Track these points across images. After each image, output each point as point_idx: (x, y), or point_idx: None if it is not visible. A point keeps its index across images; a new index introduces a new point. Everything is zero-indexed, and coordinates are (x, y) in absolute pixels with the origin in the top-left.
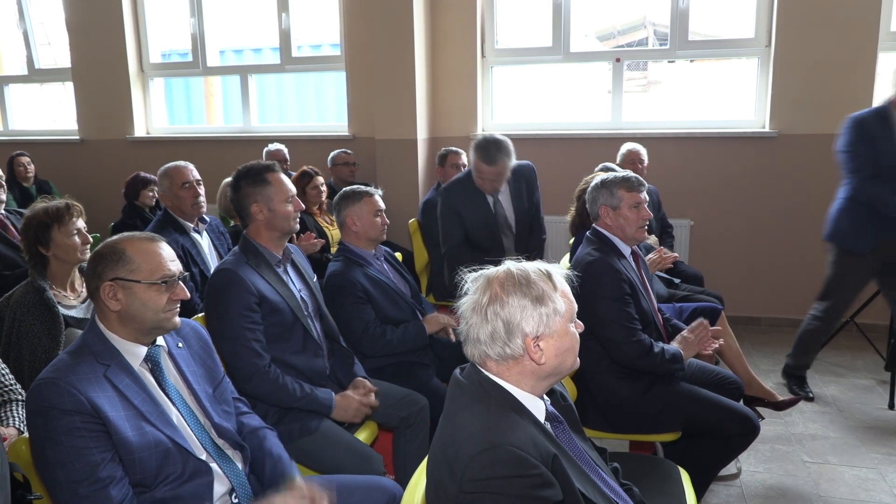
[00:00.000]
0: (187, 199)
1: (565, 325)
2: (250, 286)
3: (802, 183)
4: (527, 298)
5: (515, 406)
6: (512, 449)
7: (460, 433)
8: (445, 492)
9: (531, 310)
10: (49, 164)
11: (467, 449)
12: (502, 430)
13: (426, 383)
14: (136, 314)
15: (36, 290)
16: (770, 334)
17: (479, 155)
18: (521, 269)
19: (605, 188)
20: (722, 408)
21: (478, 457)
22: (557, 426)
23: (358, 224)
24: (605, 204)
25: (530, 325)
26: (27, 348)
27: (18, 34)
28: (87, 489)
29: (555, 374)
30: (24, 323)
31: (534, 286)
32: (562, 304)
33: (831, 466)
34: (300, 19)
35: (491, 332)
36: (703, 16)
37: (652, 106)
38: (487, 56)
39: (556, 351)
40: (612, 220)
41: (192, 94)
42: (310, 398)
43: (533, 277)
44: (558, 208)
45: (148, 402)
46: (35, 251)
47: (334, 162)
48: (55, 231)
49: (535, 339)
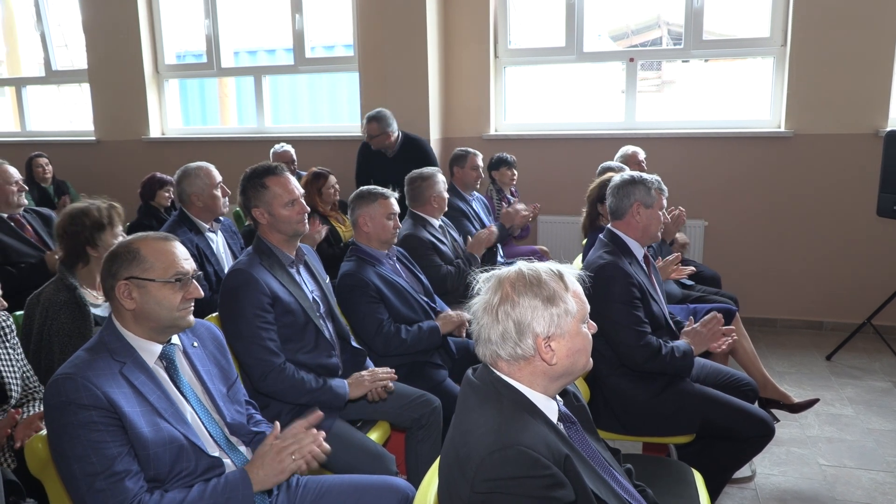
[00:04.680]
0: (220, 199)
1: (577, 326)
2: (264, 287)
3: (818, 183)
4: (538, 299)
5: (528, 406)
6: (524, 449)
7: (472, 433)
8: (458, 492)
9: (542, 310)
10: (66, 164)
11: (479, 449)
12: (514, 430)
13: (439, 384)
14: (151, 312)
15: (67, 287)
16: (785, 336)
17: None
18: (533, 270)
19: (644, 185)
20: (736, 410)
21: (489, 457)
22: (570, 427)
23: (370, 225)
24: (639, 200)
25: (541, 326)
26: (57, 346)
27: (36, 36)
28: (103, 482)
29: (567, 374)
30: (55, 321)
31: (545, 286)
32: (573, 305)
33: (848, 470)
34: (314, 20)
35: (502, 332)
36: (718, 15)
37: (666, 106)
38: (500, 56)
39: (567, 351)
40: (642, 217)
41: (206, 94)
42: (325, 388)
43: (544, 278)
44: (571, 208)
45: (163, 399)
46: (82, 251)
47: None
48: (107, 232)
49: (547, 339)
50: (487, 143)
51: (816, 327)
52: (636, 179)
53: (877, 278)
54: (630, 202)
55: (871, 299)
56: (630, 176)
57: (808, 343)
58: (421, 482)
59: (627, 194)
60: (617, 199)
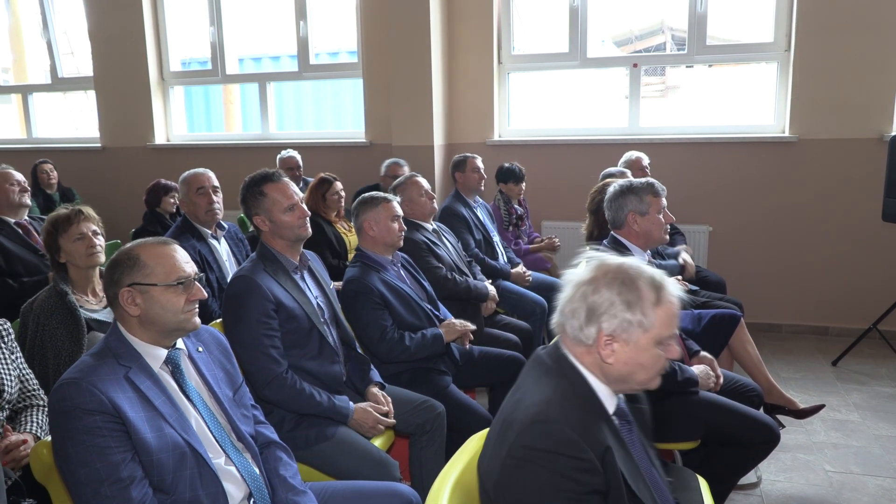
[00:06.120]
0: (202, 205)
1: (648, 342)
2: (267, 293)
3: (823, 188)
4: (619, 297)
5: (586, 392)
6: (564, 427)
7: (523, 402)
8: (496, 452)
9: (618, 309)
10: (71, 171)
11: (524, 416)
12: (563, 408)
13: (443, 390)
14: (156, 317)
15: (58, 294)
16: (791, 341)
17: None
18: (635, 269)
19: (634, 194)
20: (742, 416)
21: (531, 426)
22: (624, 424)
23: (375, 229)
24: (633, 210)
25: (609, 324)
26: (51, 352)
27: (42, 44)
28: (108, 488)
29: (621, 381)
30: (47, 327)
31: (634, 290)
32: (653, 321)
33: (854, 476)
34: (318, 27)
35: (574, 310)
36: (722, 20)
37: (670, 111)
38: (504, 62)
39: (626, 359)
40: (641, 225)
41: (211, 101)
42: (327, 405)
43: (640, 283)
44: (575, 214)
45: (167, 404)
46: (54, 259)
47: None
48: (61, 239)
49: (610, 337)
50: (491, 149)
51: (822, 332)
52: (625, 189)
53: (882, 283)
54: (624, 213)
55: (877, 304)
56: (620, 187)
57: (814, 348)
58: (427, 489)
59: (621, 206)
60: (612, 212)
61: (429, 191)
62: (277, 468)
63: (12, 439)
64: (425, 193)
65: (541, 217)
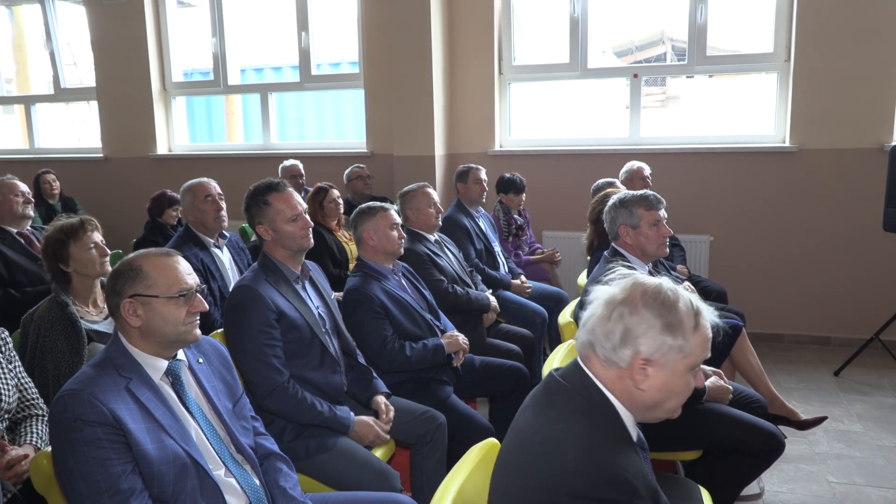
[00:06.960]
0: (210, 213)
1: (683, 368)
2: (269, 303)
3: (823, 198)
4: (659, 320)
5: (617, 425)
6: (623, 473)
7: (561, 443)
8: (528, 496)
9: (657, 332)
10: (74, 181)
11: (569, 463)
12: (612, 451)
13: (444, 400)
14: (157, 329)
15: (59, 304)
16: (792, 351)
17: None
18: (674, 292)
19: (624, 207)
20: (746, 424)
21: (586, 473)
22: (644, 455)
23: (375, 238)
24: (624, 223)
25: (647, 346)
26: (51, 363)
27: (45, 55)
28: (108, 500)
29: (651, 408)
30: (47, 338)
31: (674, 313)
32: (691, 346)
33: (857, 487)
34: (320, 38)
35: (608, 331)
36: (722, 31)
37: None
38: (505, 73)
39: (661, 385)
40: (633, 238)
41: (213, 112)
42: (328, 415)
43: (679, 305)
44: (576, 224)
45: (168, 415)
46: (56, 269)
47: (349, 178)
48: (72, 247)
49: (645, 361)
50: (492, 158)
51: (824, 342)
52: (616, 204)
53: (884, 293)
54: (616, 227)
55: (879, 314)
56: (615, 199)
57: (816, 358)
58: (428, 500)
59: (613, 220)
60: (608, 224)
61: (437, 204)
62: (277, 479)
63: (14, 454)
64: (434, 205)
65: (542, 227)
